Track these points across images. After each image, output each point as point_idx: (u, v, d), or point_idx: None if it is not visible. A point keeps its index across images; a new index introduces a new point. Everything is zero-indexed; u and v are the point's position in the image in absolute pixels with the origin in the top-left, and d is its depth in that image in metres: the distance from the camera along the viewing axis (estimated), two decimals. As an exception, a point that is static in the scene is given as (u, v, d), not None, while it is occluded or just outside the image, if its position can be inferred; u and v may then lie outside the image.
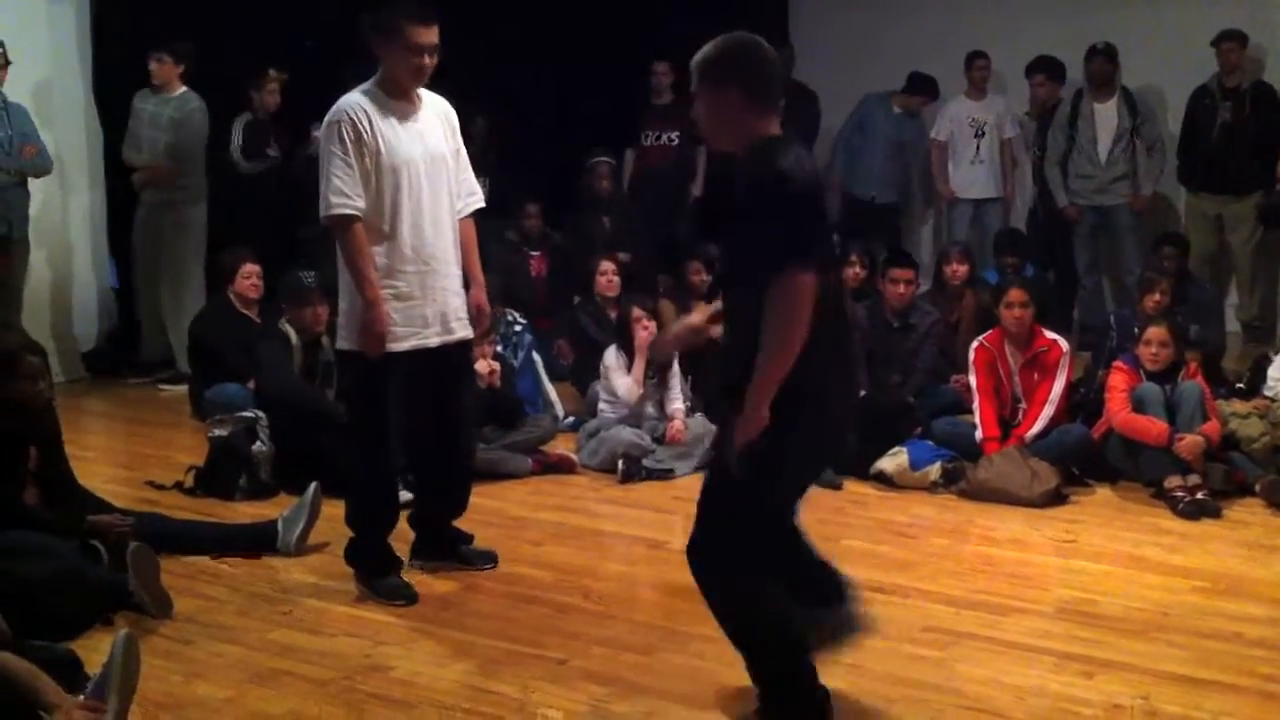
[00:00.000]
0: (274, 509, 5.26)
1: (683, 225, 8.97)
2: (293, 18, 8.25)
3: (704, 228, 8.42)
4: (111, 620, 4.18)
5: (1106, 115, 8.53)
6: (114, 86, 7.98)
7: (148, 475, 5.92)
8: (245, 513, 5.45)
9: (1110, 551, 5.05)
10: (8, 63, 7.25)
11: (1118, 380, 5.88)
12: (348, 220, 4.29)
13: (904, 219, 9.81)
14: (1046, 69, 8.94)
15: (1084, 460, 5.95)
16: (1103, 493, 5.83)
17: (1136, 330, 6.19)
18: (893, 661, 3.99)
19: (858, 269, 7.50)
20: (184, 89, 7.88)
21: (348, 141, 4.28)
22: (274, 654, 4.05)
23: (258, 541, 4.96)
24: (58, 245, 7.91)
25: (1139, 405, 5.75)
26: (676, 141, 9.16)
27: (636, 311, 6.41)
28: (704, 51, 3.37)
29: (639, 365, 6.34)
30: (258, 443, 5.77)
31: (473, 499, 4.89)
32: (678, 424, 6.28)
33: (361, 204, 4.30)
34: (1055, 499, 5.62)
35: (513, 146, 9.11)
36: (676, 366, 6.47)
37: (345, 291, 4.41)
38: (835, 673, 3.88)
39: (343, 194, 4.27)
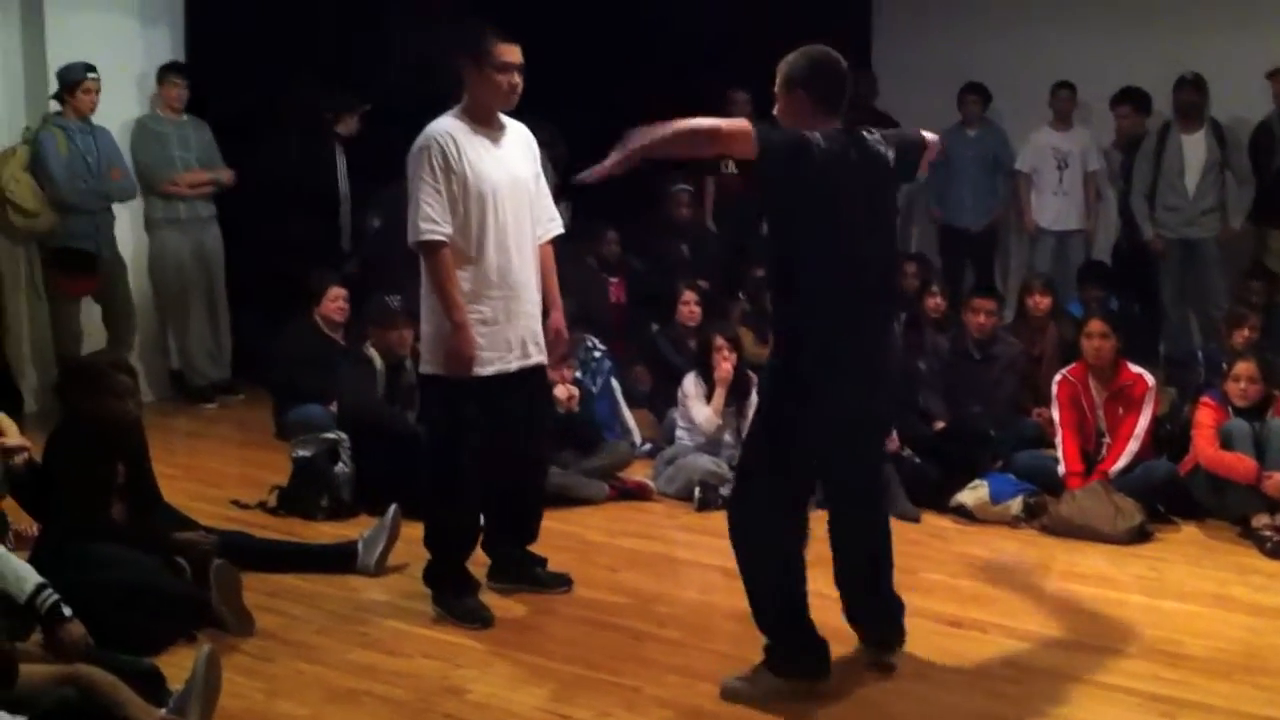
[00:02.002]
0: (354, 529, 5.32)
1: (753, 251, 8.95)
2: (373, 48, 8.38)
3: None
4: (194, 636, 4.25)
5: (1194, 147, 8.39)
6: (206, 107, 8.12)
7: (232, 494, 6.01)
8: (326, 532, 5.51)
9: (1196, 590, 4.96)
10: (100, 88, 7.44)
11: (1205, 416, 5.78)
12: (436, 245, 4.34)
13: (998, 245, 9.73)
14: (1131, 100, 8.84)
15: (1170, 497, 5.84)
16: (1188, 530, 5.73)
17: (1224, 365, 6.09)
18: (971, 697, 3.95)
19: (939, 299, 7.45)
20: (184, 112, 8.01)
21: (436, 168, 4.34)
22: (353, 674, 4.09)
23: (338, 561, 5.02)
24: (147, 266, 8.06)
25: (1227, 441, 5.65)
26: (756, 169, 9.15)
27: (719, 340, 6.40)
28: (786, 59, 3.90)
29: (719, 395, 6.32)
30: (339, 464, 5.84)
31: (549, 524, 4.92)
32: None
33: (449, 229, 4.35)
34: (1139, 536, 5.53)
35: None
36: (755, 395, 6.44)
37: (429, 315, 4.46)
38: (911, 706, 3.87)
39: (431, 220, 4.33)
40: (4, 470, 4.89)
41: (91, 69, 7.35)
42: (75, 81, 7.29)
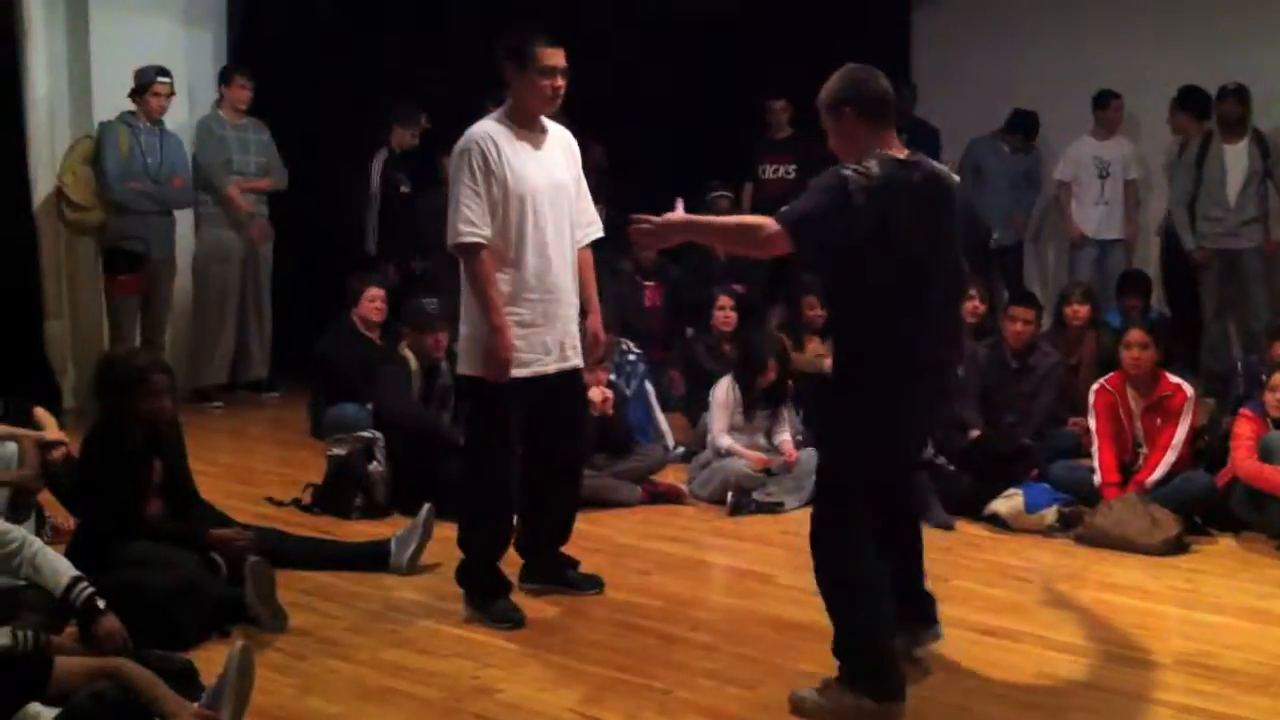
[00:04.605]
0: (388, 529, 5.34)
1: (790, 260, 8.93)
2: (423, 50, 8.42)
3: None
4: (228, 632, 4.27)
5: (1236, 157, 8.33)
6: (252, 111, 8.18)
7: (267, 491, 6.06)
8: (360, 531, 5.54)
9: (1232, 604, 4.91)
10: (173, 93, 7.53)
11: (1243, 428, 5.73)
12: (475, 248, 4.36)
13: (1027, 258, 9.68)
14: (1184, 105, 8.76)
15: (1207, 509, 5.79)
16: (1225, 543, 5.67)
17: (1264, 378, 6.03)
18: (1004, 708, 3.91)
19: (976, 303, 7.40)
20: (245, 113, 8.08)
21: (477, 170, 4.36)
22: (384, 672, 4.10)
23: (371, 560, 5.05)
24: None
25: (1266, 454, 5.60)
26: (794, 175, 9.15)
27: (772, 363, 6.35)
28: (825, 87, 3.84)
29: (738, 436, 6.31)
30: (374, 463, 5.87)
31: (581, 526, 4.92)
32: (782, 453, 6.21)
33: (489, 232, 4.37)
34: (1176, 548, 5.48)
35: (631, 177, 9.16)
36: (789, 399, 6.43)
37: (468, 317, 4.48)
38: (943, 715, 3.85)
39: (471, 222, 4.35)
40: (42, 465, 4.95)
41: (164, 73, 7.45)
42: (146, 84, 7.41)
